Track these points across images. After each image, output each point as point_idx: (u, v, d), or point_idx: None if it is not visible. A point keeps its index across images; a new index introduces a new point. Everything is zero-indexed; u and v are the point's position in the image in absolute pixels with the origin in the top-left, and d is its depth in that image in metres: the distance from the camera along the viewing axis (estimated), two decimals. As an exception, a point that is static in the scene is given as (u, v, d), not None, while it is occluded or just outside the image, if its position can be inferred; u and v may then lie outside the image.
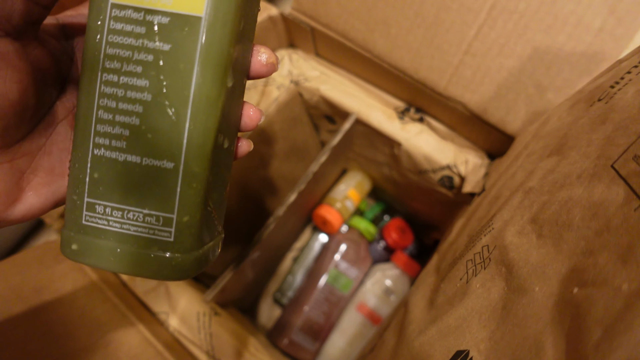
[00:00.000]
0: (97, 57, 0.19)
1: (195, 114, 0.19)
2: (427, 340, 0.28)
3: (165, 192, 0.20)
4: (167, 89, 0.19)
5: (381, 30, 0.46)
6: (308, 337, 0.62)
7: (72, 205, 0.20)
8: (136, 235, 0.20)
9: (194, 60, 0.19)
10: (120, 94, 0.19)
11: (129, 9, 0.18)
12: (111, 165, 0.20)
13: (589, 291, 0.18)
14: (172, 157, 0.19)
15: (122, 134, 0.19)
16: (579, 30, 0.37)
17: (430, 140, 0.50)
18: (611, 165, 0.22)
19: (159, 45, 0.19)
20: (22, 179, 0.20)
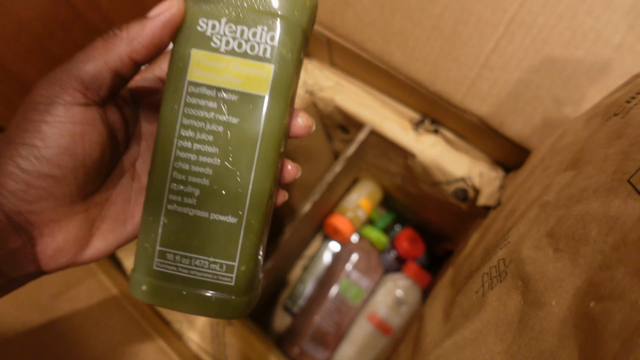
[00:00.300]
0: (174, 126, 0.22)
1: (257, 176, 0.22)
2: (443, 353, 0.28)
3: (228, 243, 0.23)
4: (234, 156, 0.22)
5: (398, 42, 0.46)
6: (318, 347, 0.62)
7: (144, 252, 0.23)
8: (202, 279, 0.23)
9: (258, 131, 0.22)
10: (193, 159, 0.22)
11: (203, 86, 0.22)
12: (182, 219, 0.23)
13: (605, 305, 0.19)
14: (236, 213, 0.22)
15: (193, 193, 0.22)
16: (597, 46, 0.37)
17: (444, 152, 0.50)
18: (628, 180, 0.22)
19: (228, 118, 0.22)
20: (93, 227, 0.23)
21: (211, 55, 0.22)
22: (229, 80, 0.22)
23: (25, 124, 0.20)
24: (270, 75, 0.22)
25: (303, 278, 0.72)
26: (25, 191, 0.20)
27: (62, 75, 0.20)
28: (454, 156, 0.50)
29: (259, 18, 0.21)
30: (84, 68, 0.20)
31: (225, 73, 0.22)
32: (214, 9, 0.21)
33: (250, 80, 0.22)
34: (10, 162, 0.19)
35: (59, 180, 0.20)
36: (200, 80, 0.22)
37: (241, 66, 0.22)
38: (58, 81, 0.20)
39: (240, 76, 0.22)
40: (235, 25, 0.21)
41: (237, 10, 0.21)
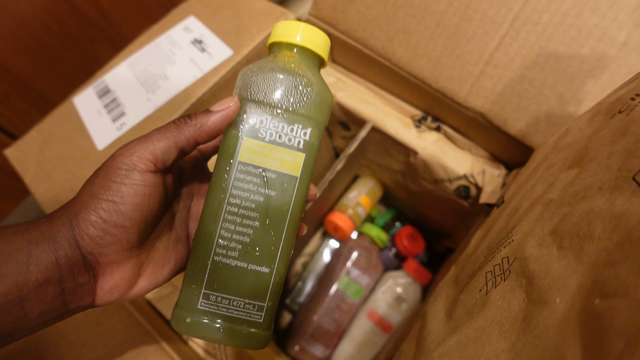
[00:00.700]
0: (225, 193, 0.28)
1: (287, 235, 0.28)
2: (447, 352, 0.28)
3: (261, 288, 0.28)
4: (270, 220, 0.28)
5: (401, 38, 0.46)
6: (318, 344, 0.62)
7: (190, 294, 0.28)
8: (237, 317, 0.28)
9: (290, 202, 0.28)
10: (238, 221, 0.28)
11: (250, 166, 0.27)
12: (225, 268, 0.28)
13: (610, 302, 0.18)
14: (269, 264, 0.28)
15: (236, 247, 0.28)
16: (603, 44, 0.37)
17: (447, 150, 0.50)
18: (632, 177, 0.22)
19: (268, 191, 0.28)
20: (141, 269, 0.28)
21: (258, 143, 0.27)
22: (270, 162, 0.28)
23: (108, 183, 0.25)
24: (302, 161, 0.28)
25: (303, 276, 0.72)
26: (102, 237, 0.25)
27: (139, 149, 0.25)
28: (456, 153, 0.50)
29: (296, 118, 0.28)
30: (158, 145, 0.26)
31: (267, 157, 0.28)
32: (264, 109, 0.27)
33: (287, 164, 0.28)
34: (94, 213, 0.24)
35: (128, 229, 0.25)
36: (248, 161, 0.27)
37: (280, 153, 0.28)
38: (136, 153, 0.25)
39: (279, 160, 0.28)
40: (278, 122, 0.28)
41: (280, 112, 0.27)
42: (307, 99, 0.28)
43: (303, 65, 0.29)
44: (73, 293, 0.25)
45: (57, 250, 0.24)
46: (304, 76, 0.28)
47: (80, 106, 0.54)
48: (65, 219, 0.24)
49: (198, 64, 0.53)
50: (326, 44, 0.30)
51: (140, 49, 0.57)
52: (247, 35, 0.53)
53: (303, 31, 0.29)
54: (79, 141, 0.51)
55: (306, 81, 0.28)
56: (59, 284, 0.24)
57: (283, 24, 0.30)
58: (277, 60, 0.29)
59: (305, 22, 0.29)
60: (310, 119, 0.28)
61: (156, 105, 0.51)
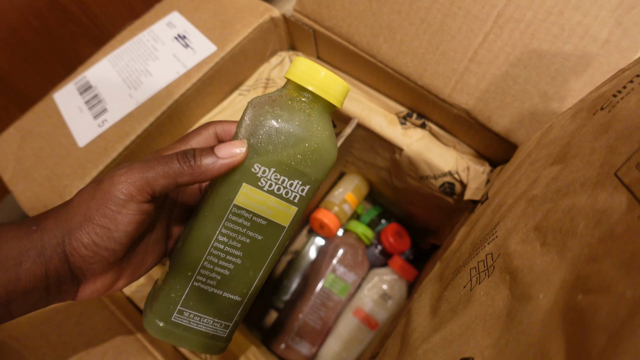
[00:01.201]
0: (215, 230, 0.29)
1: (262, 274, 0.31)
2: (431, 348, 0.28)
3: (231, 312, 0.32)
4: (252, 259, 0.30)
5: (386, 35, 0.46)
6: (304, 342, 0.62)
7: (167, 306, 0.30)
8: (204, 331, 0.32)
9: (273, 247, 0.30)
10: (222, 256, 0.30)
11: (244, 210, 0.29)
12: (203, 293, 0.30)
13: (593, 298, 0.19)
14: (242, 294, 0.31)
15: (216, 278, 0.30)
16: (585, 41, 0.37)
17: (432, 146, 0.50)
18: (614, 173, 0.22)
19: (255, 235, 0.29)
20: (121, 273, 0.29)
21: (256, 191, 0.28)
22: (263, 210, 0.29)
23: (105, 210, 0.25)
24: (293, 213, 0.30)
25: (288, 273, 0.72)
26: (92, 257, 0.26)
27: (140, 181, 0.26)
28: (441, 150, 0.50)
29: (298, 174, 0.28)
30: (159, 181, 0.26)
31: (262, 205, 0.29)
32: (268, 160, 0.28)
33: (279, 213, 0.29)
34: (87, 236, 0.25)
35: (117, 251, 0.27)
36: (243, 205, 0.28)
37: (275, 203, 0.29)
38: (136, 184, 0.26)
39: (272, 209, 0.29)
40: (280, 175, 0.28)
41: (283, 166, 0.28)
42: (314, 158, 0.28)
43: (319, 118, 0.28)
44: (56, 295, 0.26)
45: (47, 262, 0.25)
46: (317, 135, 0.28)
47: (61, 102, 0.53)
48: (58, 233, 0.25)
49: (181, 59, 0.52)
50: (345, 93, 0.30)
51: (123, 45, 0.56)
52: (231, 30, 0.53)
53: (327, 80, 0.28)
54: (59, 138, 0.50)
55: (318, 141, 0.28)
56: (45, 290, 0.25)
57: (308, 64, 0.28)
58: (292, 108, 0.28)
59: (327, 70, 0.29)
60: (312, 177, 0.29)
61: (138, 102, 0.50)
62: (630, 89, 0.26)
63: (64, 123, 0.51)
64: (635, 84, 0.26)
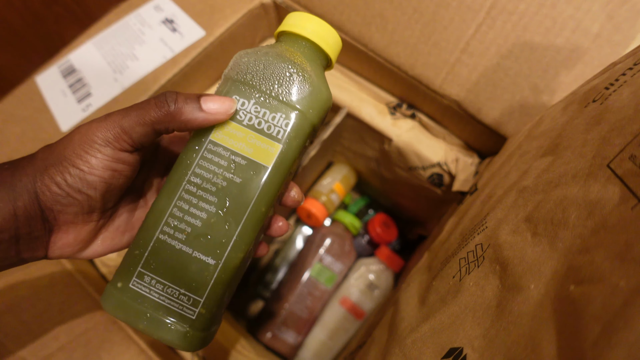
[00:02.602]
0: (187, 171, 0.26)
1: (242, 230, 0.26)
2: (420, 338, 0.28)
3: (201, 280, 0.26)
4: (228, 209, 0.26)
5: (378, 24, 0.45)
6: (291, 331, 0.62)
7: (126, 269, 0.26)
8: (168, 306, 0.26)
9: (254, 194, 0.26)
10: (194, 202, 0.26)
11: (220, 147, 0.26)
12: (168, 249, 0.26)
13: (585, 288, 0.19)
14: (216, 256, 0.26)
15: (185, 230, 0.26)
16: (577, 35, 0.37)
17: (421, 137, 0.50)
18: (607, 165, 0.22)
19: (233, 177, 0.26)
20: (99, 232, 0.28)
21: (234, 125, 0.26)
22: (242, 147, 0.26)
23: (80, 152, 0.24)
24: (277, 152, 0.26)
25: (275, 262, 0.72)
26: (64, 197, 0.24)
27: (116, 128, 0.24)
28: (430, 141, 0.50)
29: (280, 106, 0.26)
30: (136, 129, 0.25)
31: (241, 141, 0.26)
32: (248, 91, 0.26)
33: (260, 152, 0.26)
34: (60, 174, 0.24)
35: (91, 197, 0.25)
36: (219, 141, 0.26)
37: (255, 139, 0.26)
38: (113, 131, 0.24)
39: (253, 147, 0.26)
40: (261, 107, 0.26)
41: (265, 97, 0.26)
42: (297, 89, 0.26)
43: (303, 58, 0.27)
44: (27, 243, 0.25)
45: (15, 200, 0.24)
46: (299, 66, 0.26)
47: (44, 86, 0.52)
48: (30, 171, 0.24)
49: (169, 44, 0.51)
50: (337, 44, 0.29)
51: (108, 28, 0.54)
52: (220, 16, 0.52)
53: (314, 25, 0.27)
54: (41, 122, 0.48)
55: (299, 71, 0.26)
56: (15, 234, 0.24)
57: (296, 14, 0.28)
58: (277, 47, 0.27)
59: (320, 18, 0.28)
60: (296, 110, 0.26)
61: (124, 86, 0.49)
62: (622, 82, 0.26)
63: (46, 107, 0.50)
64: (627, 77, 0.26)
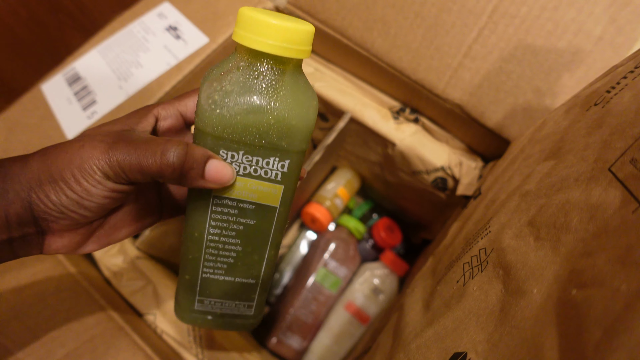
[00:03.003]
0: (204, 224, 0.27)
1: (269, 253, 0.30)
2: (424, 343, 0.28)
3: (249, 293, 0.31)
4: (252, 246, 0.29)
5: (380, 29, 0.46)
6: (296, 336, 0.62)
7: (187, 298, 0.31)
8: (230, 313, 0.32)
9: (271, 228, 0.28)
10: (220, 247, 0.28)
11: (226, 199, 0.27)
12: (214, 282, 0.30)
13: (587, 292, 0.19)
14: (255, 277, 0.30)
15: (222, 267, 0.29)
16: (579, 38, 0.37)
17: (425, 142, 0.50)
18: (608, 169, 0.22)
19: (247, 221, 0.28)
20: (92, 234, 0.28)
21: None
22: (246, 194, 0.27)
23: (79, 178, 0.23)
24: (280, 192, 0.27)
25: (280, 267, 0.72)
26: (58, 212, 0.24)
27: (117, 166, 0.23)
28: (433, 145, 0.50)
29: (271, 151, 0.25)
30: (135, 174, 0.24)
31: (243, 190, 0.26)
32: (233, 144, 0.25)
33: (265, 195, 0.27)
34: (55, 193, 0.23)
35: (87, 217, 0.25)
36: (222, 194, 0.26)
37: (257, 185, 0.26)
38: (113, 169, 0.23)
39: (256, 192, 0.27)
40: (252, 156, 0.25)
41: (250, 147, 0.25)
42: (284, 129, 0.24)
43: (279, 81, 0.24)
44: (21, 245, 0.25)
45: (7, 207, 0.23)
46: (281, 102, 0.24)
47: (49, 94, 0.52)
48: (23, 179, 0.23)
49: (173, 51, 0.52)
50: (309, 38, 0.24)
51: (112, 36, 0.55)
52: (224, 22, 0.52)
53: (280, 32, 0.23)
54: (47, 130, 0.49)
55: (284, 108, 0.24)
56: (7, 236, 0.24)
57: (251, 15, 0.23)
58: (245, 78, 0.24)
59: (276, 12, 0.26)
60: (288, 150, 0.25)
61: (128, 94, 0.49)
62: (624, 85, 0.26)
63: (52, 114, 0.50)
64: (629, 80, 0.26)
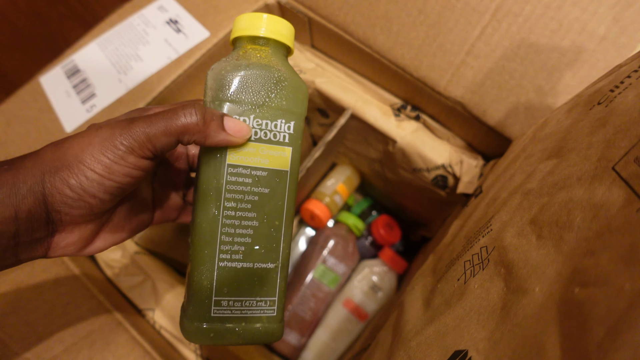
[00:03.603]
0: (219, 198, 0.27)
1: (285, 227, 0.29)
2: (425, 340, 0.28)
3: (271, 283, 0.29)
4: (268, 217, 0.28)
5: (382, 25, 0.45)
6: (294, 333, 0.62)
7: (201, 304, 0.28)
8: (252, 316, 0.29)
9: (284, 196, 0.28)
10: (237, 223, 0.28)
11: (240, 167, 0.27)
12: (232, 272, 0.28)
13: (590, 291, 0.18)
14: (274, 259, 0.29)
15: (239, 250, 0.28)
16: (582, 37, 0.37)
17: (425, 139, 0.50)
18: (612, 168, 0.22)
19: (261, 189, 0.28)
20: (100, 230, 0.27)
21: (245, 143, 0.27)
22: (259, 161, 0.28)
23: (100, 157, 0.23)
24: (290, 155, 0.28)
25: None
26: (75, 200, 0.23)
27: (142, 136, 0.24)
28: (434, 143, 0.50)
29: (278, 113, 0.27)
30: (161, 138, 0.24)
31: (255, 156, 0.27)
32: (245, 108, 0.27)
33: (276, 159, 0.28)
34: (75, 177, 0.23)
35: (105, 201, 0.25)
36: (237, 162, 0.27)
37: (268, 149, 0.28)
38: (138, 139, 0.24)
39: (268, 157, 0.28)
40: (262, 119, 0.27)
41: (263, 109, 0.27)
42: (285, 92, 0.28)
43: (274, 58, 0.28)
44: (26, 246, 0.24)
45: (19, 203, 0.22)
46: (278, 70, 0.28)
47: (48, 86, 0.52)
48: (37, 171, 0.23)
49: (173, 45, 0.51)
50: (291, 33, 0.30)
51: (112, 28, 0.55)
52: (225, 16, 0.52)
53: (268, 23, 0.28)
54: (45, 123, 0.49)
55: (282, 75, 0.28)
56: (13, 238, 0.23)
57: (245, 17, 0.29)
58: (248, 56, 0.28)
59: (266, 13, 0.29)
60: (292, 112, 0.28)
61: (128, 87, 0.49)
62: (627, 84, 0.26)
63: (50, 107, 0.50)
64: (632, 79, 0.26)
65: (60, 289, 0.41)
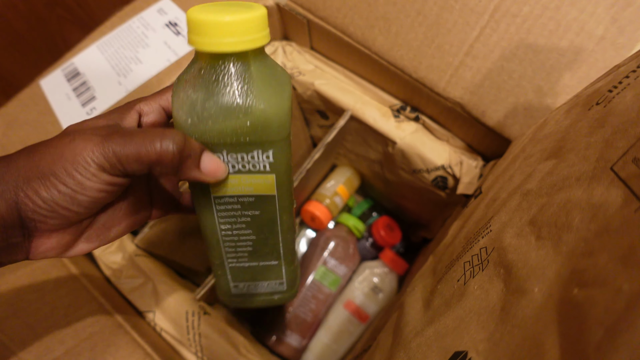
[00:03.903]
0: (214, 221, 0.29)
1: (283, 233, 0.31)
2: (425, 342, 0.28)
3: (277, 273, 0.34)
4: (264, 231, 0.31)
5: (381, 26, 0.45)
6: (295, 334, 0.62)
7: (223, 284, 0.34)
8: (265, 292, 0.36)
9: (276, 214, 0.30)
10: (235, 239, 0.31)
11: (225, 197, 0.28)
12: (241, 269, 0.33)
13: (589, 292, 0.19)
14: (276, 258, 0.33)
15: (243, 256, 0.32)
16: (581, 37, 0.37)
17: (425, 140, 0.50)
18: (610, 168, 0.22)
19: (251, 212, 0.29)
20: (82, 234, 0.26)
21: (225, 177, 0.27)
22: (242, 189, 0.28)
23: (72, 171, 0.22)
24: (274, 181, 0.28)
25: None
26: (48, 211, 0.23)
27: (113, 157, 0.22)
28: (434, 144, 0.50)
29: (250, 146, 0.25)
30: (131, 164, 0.23)
31: (239, 185, 0.27)
32: (214, 146, 0.25)
33: (260, 186, 0.28)
34: (46, 189, 0.22)
35: (80, 214, 0.24)
36: (221, 194, 0.28)
37: (249, 179, 0.27)
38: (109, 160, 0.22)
39: (251, 185, 0.27)
40: (235, 153, 0.26)
41: (231, 146, 0.25)
42: (259, 123, 0.24)
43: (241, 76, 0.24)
44: (5, 250, 0.23)
45: None
46: (248, 97, 0.24)
47: (48, 89, 0.52)
48: (9, 178, 0.22)
49: (173, 47, 0.51)
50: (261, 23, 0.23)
51: (112, 31, 0.55)
52: (224, 19, 0.52)
53: (226, 27, 0.22)
54: (45, 126, 0.49)
55: (253, 103, 0.24)
56: None
57: (196, 18, 0.22)
58: (207, 82, 0.23)
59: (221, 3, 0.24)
60: (267, 141, 0.25)
61: (128, 90, 0.49)
62: (626, 84, 0.26)
63: (50, 110, 0.50)
64: (631, 80, 0.26)
65: (61, 291, 0.41)
